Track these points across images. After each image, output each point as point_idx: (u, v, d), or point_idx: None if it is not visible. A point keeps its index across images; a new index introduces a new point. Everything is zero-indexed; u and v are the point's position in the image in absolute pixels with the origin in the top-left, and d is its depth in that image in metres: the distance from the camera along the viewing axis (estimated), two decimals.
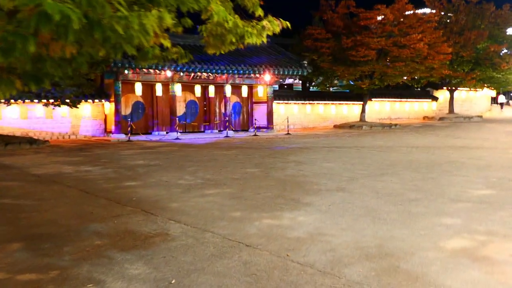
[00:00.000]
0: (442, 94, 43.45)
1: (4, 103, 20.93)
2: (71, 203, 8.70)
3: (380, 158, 14.84)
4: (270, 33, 6.30)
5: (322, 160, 14.55)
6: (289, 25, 6.44)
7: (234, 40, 6.05)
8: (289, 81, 40.58)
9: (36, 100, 22.57)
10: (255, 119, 29.97)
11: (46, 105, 21.61)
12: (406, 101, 40.31)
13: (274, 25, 6.20)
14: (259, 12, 6.36)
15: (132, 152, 18.02)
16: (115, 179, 11.32)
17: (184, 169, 12.92)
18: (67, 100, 20.30)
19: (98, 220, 7.31)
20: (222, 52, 6.51)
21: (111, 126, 25.82)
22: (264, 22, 6.14)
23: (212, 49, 6.57)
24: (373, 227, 6.69)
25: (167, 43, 5.58)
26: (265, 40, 6.26)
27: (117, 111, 25.44)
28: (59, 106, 20.98)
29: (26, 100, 22.53)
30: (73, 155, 17.04)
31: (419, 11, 35.05)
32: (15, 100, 20.32)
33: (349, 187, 9.86)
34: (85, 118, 25.87)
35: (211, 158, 15.76)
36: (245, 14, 6.31)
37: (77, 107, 21.73)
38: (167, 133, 27.46)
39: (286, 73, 29.10)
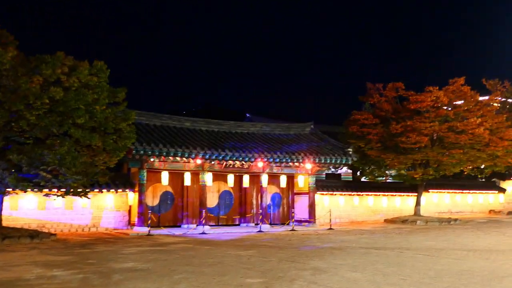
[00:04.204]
0: (511, 186, 39.15)
1: (13, 191, 19.33)
2: None
3: (424, 267, 11.67)
4: None
5: (348, 268, 11.57)
6: None
7: None
8: (341, 170, 37.92)
9: (55, 190, 20.74)
10: (292, 212, 27.12)
11: (60, 195, 19.79)
12: (469, 192, 36.31)
13: None
14: None
15: (136, 250, 15.64)
16: None
17: (169, 278, 10.35)
18: (79, 190, 18.44)
19: None
20: None
21: (135, 218, 23.75)
22: None
23: None
24: None
25: None
26: None
27: (140, 202, 23.44)
28: (63, 196, 19.20)
29: (44, 189, 20.66)
30: (66, 253, 14.86)
31: (481, 98, 31.77)
32: (13, 189, 18.56)
33: None
34: (107, 209, 23.98)
35: (218, 261, 13.10)
36: None
37: (88, 197, 19.85)
38: (197, 226, 25.00)
39: (328, 161, 26.53)
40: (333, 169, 34.36)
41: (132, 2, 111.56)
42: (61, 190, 18.61)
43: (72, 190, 17.74)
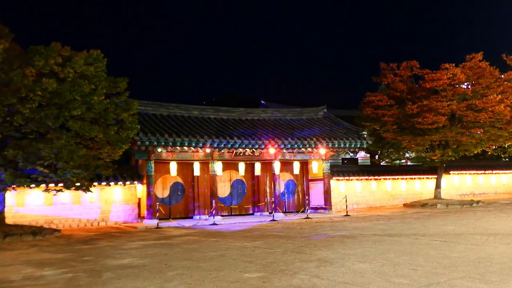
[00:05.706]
0: None
1: (16, 188, 18.85)
2: None
3: (439, 254, 10.79)
4: None
5: (357, 258, 10.74)
6: None
7: None
8: (359, 155, 36.97)
9: (60, 184, 20.20)
10: (306, 199, 26.33)
11: (57, 190, 19.19)
12: (492, 173, 34.98)
13: None
14: None
15: (138, 245, 15.02)
16: None
17: (162, 274, 9.66)
18: (80, 184, 17.84)
19: None
20: None
21: (145, 211, 23.17)
22: None
23: None
24: None
25: None
26: None
27: (149, 194, 22.85)
28: (62, 191, 18.63)
29: (50, 185, 20.16)
30: (65, 250, 14.31)
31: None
32: (10, 186, 17.99)
33: None
34: (116, 203, 23.45)
35: (220, 254, 12.39)
36: None
37: (91, 191, 19.29)
38: (209, 216, 24.36)
39: (342, 145, 25.58)
40: (351, 154, 33.48)
41: (132, 2, 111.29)
42: (65, 185, 18.00)
43: (77, 184, 17.12)
